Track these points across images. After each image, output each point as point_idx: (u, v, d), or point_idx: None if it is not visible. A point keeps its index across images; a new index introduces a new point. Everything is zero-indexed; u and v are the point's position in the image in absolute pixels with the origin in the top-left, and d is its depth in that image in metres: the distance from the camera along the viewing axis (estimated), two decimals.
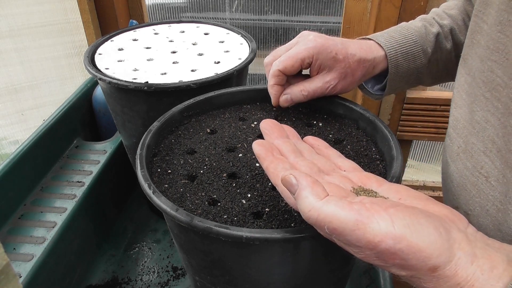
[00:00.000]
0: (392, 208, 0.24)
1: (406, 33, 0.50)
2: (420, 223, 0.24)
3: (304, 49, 0.45)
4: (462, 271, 0.23)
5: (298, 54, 0.45)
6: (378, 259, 0.24)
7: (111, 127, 0.84)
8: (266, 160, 0.32)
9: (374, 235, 0.23)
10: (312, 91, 0.46)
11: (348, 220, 0.24)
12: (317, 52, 0.45)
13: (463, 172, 0.39)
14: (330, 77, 0.46)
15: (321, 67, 0.46)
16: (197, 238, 0.34)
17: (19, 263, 0.52)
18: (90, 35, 0.95)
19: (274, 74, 0.46)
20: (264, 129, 0.38)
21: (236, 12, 1.07)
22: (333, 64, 0.46)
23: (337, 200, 0.25)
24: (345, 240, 0.24)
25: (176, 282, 0.65)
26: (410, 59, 0.50)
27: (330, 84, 0.46)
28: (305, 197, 0.25)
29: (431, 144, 1.19)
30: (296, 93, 0.46)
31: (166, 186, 0.38)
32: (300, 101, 0.47)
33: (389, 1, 0.85)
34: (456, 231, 0.25)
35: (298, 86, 0.47)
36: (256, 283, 0.36)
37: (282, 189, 0.29)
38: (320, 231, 0.26)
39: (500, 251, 0.24)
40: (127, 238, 0.74)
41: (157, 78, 0.58)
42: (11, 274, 0.23)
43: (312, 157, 0.36)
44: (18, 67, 0.97)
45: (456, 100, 0.42)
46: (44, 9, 0.94)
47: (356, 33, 0.93)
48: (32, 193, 0.65)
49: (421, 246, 0.23)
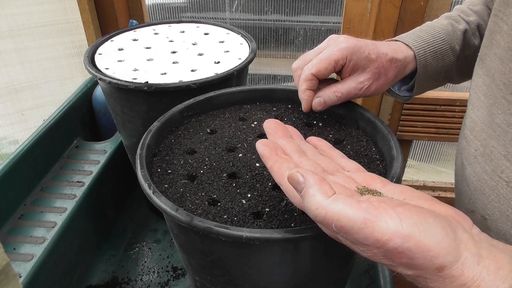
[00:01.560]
0: (400, 207, 0.24)
1: (433, 32, 0.49)
2: (428, 222, 0.24)
3: (337, 50, 0.43)
4: (468, 271, 0.23)
5: (331, 56, 0.43)
6: (385, 257, 0.24)
7: (111, 127, 0.84)
8: (271, 159, 0.32)
9: (382, 233, 0.23)
10: (346, 92, 0.45)
11: (356, 218, 0.24)
12: (350, 53, 0.43)
13: (481, 176, 0.38)
14: (363, 77, 0.45)
15: (354, 68, 0.44)
16: (197, 238, 0.34)
17: (19, 263, 0.52)
18: (90, 35, 0.95)
19: (307, 78, 0.44)
20: (267, 129, 0.38)
21: (236, 12, 1.07)
22: (366, 64, 0.44)
23: (345, 198, 0.25)
24: (352, 238, 0.24)
25: (176, 282, 0.65)
26: (438, 57, 0.49)
27: (364, 84, 0.45)
28: (313, 195, 0.25)
29: (431, 144, 1.18)
30: (329, 95, 0.45)
31: (166, 186, 0.38)
32: (333, 103, 0.45)
33: (389, 1, 0.85)
34: (462, 232, 0.25)
35: (330, 88, 0.45)
36: (256, 283, 0.36)
37: (287, 188, 0.29)
38: (326, 229, 0.26)
39: (505, 252, 0.24)
40: (127, 238, 0.74)
41: (157, 78, 0.58)
42: (11, 274, 0.23)
43: (316, 157, 0.35)
44: (18, 67, 0.97)
45: (473, 101, 0.41)
46: (44, 9, 0.94)
47: (356, 33, 0.93)
48: (32, 193, 0.65)
49: (429, 245, 0.23)
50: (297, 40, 1.09)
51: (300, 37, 1.09)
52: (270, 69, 1.14)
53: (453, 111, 0.95)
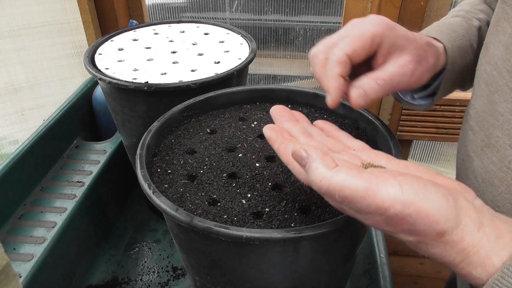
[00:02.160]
0: (401, 176, 0.25)
1: (452, 28, 0.44)
2: (428, 189, 0.24)
3: (371, 25, 0.35)
4: (468, 237, 0.24)
5: (366, 32, 0.34)
6: (387, 225, 0.25)
7: (111, 127, 0.84)
8: (277, 141, 0.32)
9: (383, 200, 0.24)
10: (389, 79, 0.35)
11: (358, 187, 0.24)
12: (386, 29, 0.35)
13: (489, 167, 0.37)
14: (404, 60, 0.36)
15: (392, 49, 0.36)
16: (197, 238, 0.34)
17: (19, 263, 0.52)
18: (90, 35, 0.95)
19: (340, 60, 0.34)
20: (274, 114, 0.38)
21: (236, 12, 1.07)
22: (405, 44, 0.36)
23: (347, 169, 0.25)
24: (355, 207, 0.25)
25: (176, 282, 0.65)
26: (462, 54, 0.43)
27: (407, 68, 0.36)
28: (316, 168, 0.26)
29: (431, 144, 1.18)
30: (370, 84, 0.35)
31: (166, 186, 0.38)
32: (375, 95, 0.35)
33: (389, 1, 0.85)
34: (464, 200, 0.26)
35: (368, 76, 0.35)
36: (256, 283, 0.36)
37: (293, 166, 0.30)
38: (330, 200, 0.27)
39: (507, 223, 0.25)
40: (127, 238, 0.74)
41: (157, 78, 0.58)
42: (11, 274, 0.23)
43: (322, 138, 0.36)
44: (18, 67, 0.97)
45: (475, 90, 0.39)
46: (44, 9, 0.94)
47: None
48: (32, 193, 0.65)
49: (429, 211, 0.24)
50: (297, 40, 1.09)
51: (300, 37, 1.09)
52: (270, 69, 1.14)
53: (453, 111, 0.95)
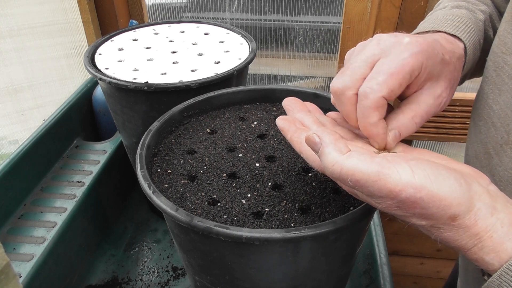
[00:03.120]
0: (413, 160, 0.25)
1: (464, 21, 0.40)
2: (440, 173, 0.25)
3: (409, 56, 0.29)
4: (481, 222, 0.24)
5: (404, 67, 0.29)
6: (399, 208, 0.25)
7: (111, 127, 0.84)
8: (290, 131, 0.33)
9: (395, 184, 0.24)
10: (426, 115, 0.32)
11: (370, 171, 0.24)
12: (426, 58, 0.30)
13: (508, 165, 0.35)
14: (440, 88, 0.32)
15: (427, 78, 0.32)
16: (197, 238, 0.34)
17: (19, 263, 0.52)
18: (90, 35, 0.95)
19: (378, 105, 0.29)
20: (286, 106, 0.38)
21: (236, 12, 1.07)
22: (441, 70, 0.33)
23: (359, 154, 0.25)
24: (367, 191, 0.25)
25: (176, 282, 0.65)
26: (474, 52, 0.40)
27: (443, 98, 0.33)
28: (328, 153, 0.26)
29: (431, 144, 1.18)
30: (406, 125, 0.32)
31: (166, 186, 0.38)
32: (410, 134, 0.32)
33: (389, 1, 0.85)
34: (477, 185, 0.25)
35: (404, 113, 0.32)
36: (256, 283, 0.36)
37: (307, 153, 0.30)
38: (343, 184, 0.27)
39: None
40: (127, 238, 0.74)
41: (157, 78, 0.58)
42: (11, 274, 0.23)
43: (335, 128, 0.36)
44: (18, 67, 0.97)
45: (498, 85, 0.37)
46: (44, 9, 0.94)
47: (356, 33, 0.93)
48: (32, 193, 0.65)
49: (441, 195, 0.24)
50: (297, 40, 1.09)
51: (300, 37, 1.09)
52: (270, 69, 1.14)
53: (453, 111, 0.95)
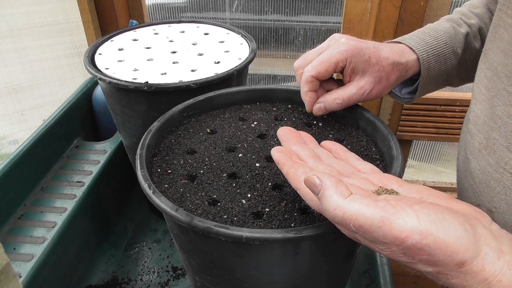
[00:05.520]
0: (417, 204, 0.25)
1: (436, 35, 0.50)
2: (445, 218, 0.24)
3: (337, 52, 0.43)
4: (489, 266, 0.24)
5: (331, 58, 0.43)
6: (404, 255, 0.24)
7: (111, 127, 0.84)
8: (286, 165, 0.32)
9: (400, 230, 0.23)
10: (347, 98, 0.45)
11: (374, 217, 0.24)
12: (350, 55, 0.43)
13: (486, 169, 0.38)
14: (364, 82, 0.45)
15: (355, 71, 0.45)
16: (197, 238, 0.34)
17: (19, 263, 0.52)
18: (90, 35, 0.95)
19: (308, 81, 0.44)
20: (281, 136, 0.38)
21: (236, 12, 1.07)
22: (366, 68, 0.44)
23: (362, 198, 0.25)
24: (371, 237, 0.25)
25: (176, 282, 0.65)
26: (441, 61, 0.49)
27: (365, 89, 0.45)
28: (330, 196, 0.25)
29: (431, 144, 1.18)
30: (330, 102, 0.45)
31: (166, 186, 0.38)
32: (334, 109, 0.46)
33: (389, 1, 0.85)
34: (481, 227, 0.25)
35: (331, 94, 0.45)
36: (256, 283, 0.36)
37: (304, 192, 0.30)
38: (345, 229, 0.27)
39: None
40: (127, 238, 0.74)
41: (157, 78, 0.58)
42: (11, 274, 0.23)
43: (331, 161, 0.36)
44: (18, 67, 0.97)
45: (476, 95, 0.41)
46: (44, 9, 0.94)
47: (356, 33, 0.93)
48: (32, 193, 0.65)
49: (447, 241, 0.23)
50: (297, 40, 1.09)
51: (300, 37, 1.09)
52: (270, 69, 1.14)
53: (453, 111, 0.95)
